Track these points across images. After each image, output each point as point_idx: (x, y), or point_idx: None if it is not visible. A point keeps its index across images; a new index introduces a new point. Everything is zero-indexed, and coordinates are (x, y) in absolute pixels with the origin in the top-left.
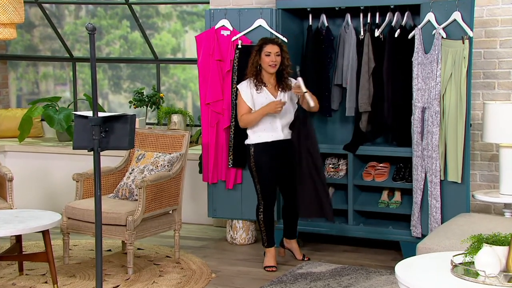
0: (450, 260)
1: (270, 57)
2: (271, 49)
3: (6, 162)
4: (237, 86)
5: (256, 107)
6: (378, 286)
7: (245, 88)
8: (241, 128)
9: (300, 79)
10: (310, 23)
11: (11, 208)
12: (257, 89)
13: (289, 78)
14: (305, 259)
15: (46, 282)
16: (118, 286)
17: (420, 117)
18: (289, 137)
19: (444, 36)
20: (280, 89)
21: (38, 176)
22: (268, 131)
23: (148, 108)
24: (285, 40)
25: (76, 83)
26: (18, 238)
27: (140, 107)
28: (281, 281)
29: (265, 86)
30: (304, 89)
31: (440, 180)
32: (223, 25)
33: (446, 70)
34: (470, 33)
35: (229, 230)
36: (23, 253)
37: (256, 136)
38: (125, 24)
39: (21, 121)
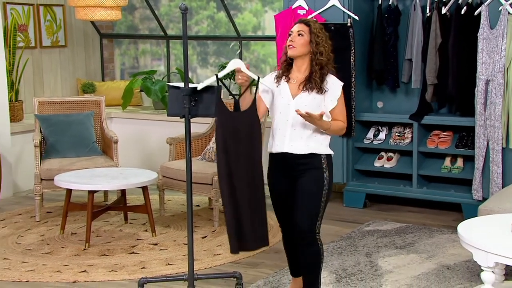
0: (511, 222)
1: (290, 37)
2: (294, 28)
3: (112, 127)
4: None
5: (275, 106)
6: (440, 243)
7: (266, 80)
8: None
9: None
10: (380, 2)
11: (117, 166)
12: (276, 82)
13: (327, 76)
14: None
15: (146, 231)
16: (206, 236)
17: (483, 89)
18: (297, 152)
19: (511, 11)
20: (303, 88)
21: (137, 139)
22: (276, 139)
23: (231, 80)
24: (357, 18)
25: (169, 58)
26: (123, 192)
27: (224, 80)
28: (350, 237)
29: (287, 80)
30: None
31: (502, 147)
32: (300, 5)
33: (511, 44)
34: None
35: None
36: (127, 205)
37: (269, 143)
38: (212, 5)
39: (124, 92)
